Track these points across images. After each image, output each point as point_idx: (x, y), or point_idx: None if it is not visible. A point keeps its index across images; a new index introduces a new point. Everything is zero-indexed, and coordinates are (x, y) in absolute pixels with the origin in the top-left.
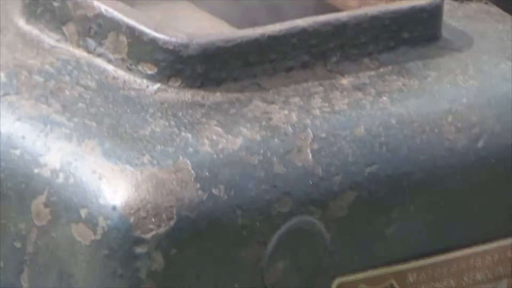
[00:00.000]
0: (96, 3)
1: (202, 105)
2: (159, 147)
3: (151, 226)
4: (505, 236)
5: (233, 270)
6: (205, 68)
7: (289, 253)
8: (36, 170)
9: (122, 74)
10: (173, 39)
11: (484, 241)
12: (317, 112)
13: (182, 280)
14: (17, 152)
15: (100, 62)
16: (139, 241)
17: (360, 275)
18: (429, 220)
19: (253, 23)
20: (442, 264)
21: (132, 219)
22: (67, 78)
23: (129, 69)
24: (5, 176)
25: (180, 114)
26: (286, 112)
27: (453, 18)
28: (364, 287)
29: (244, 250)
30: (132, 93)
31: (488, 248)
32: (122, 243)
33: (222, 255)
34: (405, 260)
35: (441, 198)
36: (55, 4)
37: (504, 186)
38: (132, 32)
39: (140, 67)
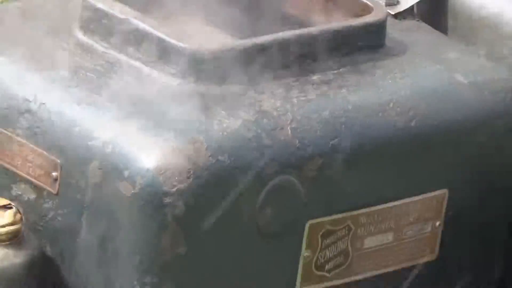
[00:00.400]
0: (134, 21)
1: (211, 96)
2: (180, 126)
3: (175, 183)
4: (432, 190)
5: (235, 215)
6: (213, 69)
7: (274, 203)
8: (91, 143)
9: (152, 72)
10: (190, 47)
11: (416, 194)
12: (294, 100)
13: (198, 222)
14: (77, 129)
15: (137, 63)
16: (166, 194)
17: (326, 219)
18: (377, 179)
19: (248, 34)
20: (385, 210)
21: (161, 178)
22: (113, 75)
23: (158, 69)
24: (69, 147)
25: (195, 102)
26: (272, 100)
27: (394, 31)
28: (329, 227)
29: (242, 201)
30: (161, 86)
31: (419, 199)
32: (154, 195)
33: (227, 204)
34: (358, 207)
35: (385, 163)
36: (104, 21)
37: (429, 154)
38: (161, 42)
39: (166, 67)
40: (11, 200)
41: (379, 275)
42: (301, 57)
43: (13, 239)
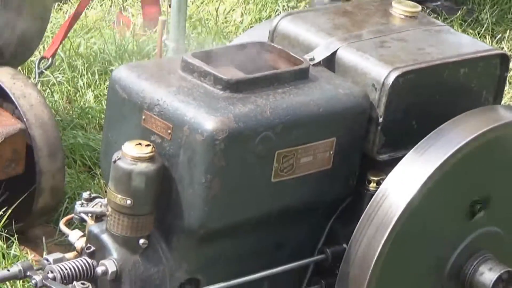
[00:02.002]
0: (203, 67)
1: (235, 98)
2: (222, 110)
3: (220, 134)
4: (328, 138)
5: (246, 149)
6: (236, 86)
7: (262, 144)
8: (185, 117)
9: (211, 88)
10: (226, 77)
11: (321, 139)
12: (272, 100)
13: (230, 151)
14: (179, 112)
15: (204, 84)
16: (216, 140)
17: (284, 150)
18: (305, 133)
19: (251, 72)
20: (309, 146)
21: (214, 133)
22: (194, 90)
23: (213, 87)
24: (175, 120)
25: (229, 100)
26: (262, 100)
27: (312, 71)
28: (285, 154)
29: (249, 143)
30: (214, 94)
31: (323, 141)
32: (211, 140)
33: (243, 145)
34: (298, 145)
35: (309, 127)
36: (191, 67)
37: (327, 123)
38: (215, 75)
39: (216, 86)
40: (150, 142)
41: (306, 174)
42: (273, 82)
43: (151, 158)
